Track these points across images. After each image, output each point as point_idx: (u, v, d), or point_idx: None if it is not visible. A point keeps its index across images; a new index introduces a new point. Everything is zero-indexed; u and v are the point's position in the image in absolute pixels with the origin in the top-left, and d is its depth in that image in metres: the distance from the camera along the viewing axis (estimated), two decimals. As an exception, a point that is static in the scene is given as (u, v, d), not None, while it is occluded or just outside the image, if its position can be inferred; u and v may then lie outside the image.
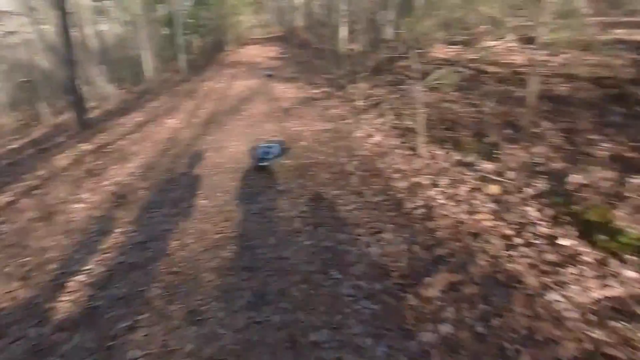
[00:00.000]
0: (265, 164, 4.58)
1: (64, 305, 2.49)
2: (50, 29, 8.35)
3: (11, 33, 13.75)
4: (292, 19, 25.56)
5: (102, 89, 9.39)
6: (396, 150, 4.35)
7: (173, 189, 4.19)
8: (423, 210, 3.13)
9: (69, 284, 2.71)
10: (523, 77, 3.77)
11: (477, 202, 3.02)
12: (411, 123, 4.79)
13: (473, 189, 3.18)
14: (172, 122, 6.96)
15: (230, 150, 5.31)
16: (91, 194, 4.16)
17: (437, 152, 3.96)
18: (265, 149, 4.76)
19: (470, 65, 5.06)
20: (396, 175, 3.82)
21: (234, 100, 9.07)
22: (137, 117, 7.55)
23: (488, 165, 3.29)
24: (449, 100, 4.89)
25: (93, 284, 2.67)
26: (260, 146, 4.86)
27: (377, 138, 4.88)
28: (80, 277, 2.76)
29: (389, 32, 10.03)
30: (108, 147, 5.71)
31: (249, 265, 2.72)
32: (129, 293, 2.54)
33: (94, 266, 2.88)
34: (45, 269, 2.92)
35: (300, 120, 6.62)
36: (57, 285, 2.69)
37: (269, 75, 13.19)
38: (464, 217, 2.91)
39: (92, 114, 8.27)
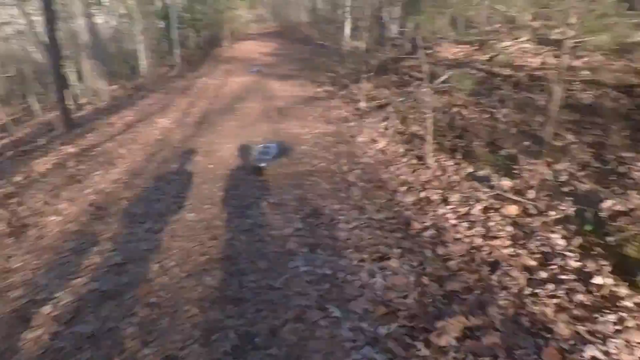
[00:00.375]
0: (262, 165, 4.24)
1: (25, 346, 2.17)
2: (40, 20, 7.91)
3: (4, 24, 13.28)
4: (289, 13, 25.05)
5: (94, 84, 8.99)
6: (402, 159, 4.02)
7: (159, 199, 3.84)
8: (433, 231, 2.80)
9: (33, 316, 2.38)
10: (543, 82, 3.45)
11: (494, 224, 2.70)
12: (418, 129, 4.46)
13: (488, 209, 2.85)
14: (163, 122, 6.59)
15: (221, 153, 4.96)
16: (69, 204, 3.81)
17: (446, 162, 3.63)
18: (263, 149, 4.43)
19: (483, 67, 4.72)
20: (402, 188, 3.49)
21: (229, 97, 8.69)
22: (127, 115, 7.17)
23: (505, 182, 2.96)
24: (460, 104, 4.55)
25: (59, 318, 2.34)
26: (258, 146, 4.54)
27: (382, 144, 4.55)
28: (46, 308, 2.43)
29: (394, 30, 9.64)
30: (94, 149, 5.35)
31: (236, 297, 2.39)
32: (100, 330, 2.21)
33: (62, 294, 2.55)
34: (8, 296, 2.59)
35: (300, 121, 6.26)
36: (19, 318, 2.37)
37: (257, 71, 12.77)
38: (479, 241, 2.59)
39: (82, 112, 7.88)
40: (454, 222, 2.85)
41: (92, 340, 2.15)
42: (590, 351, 1.73)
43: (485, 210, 2.84)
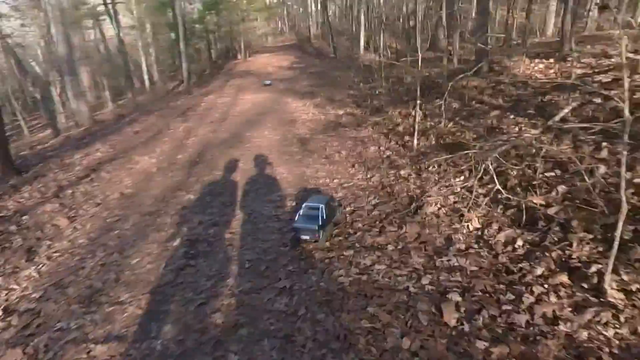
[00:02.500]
0: (307, 237, 2.58)
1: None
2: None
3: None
4: (306, 26, 23.54)
5: (77, 106, 7.36)
6: (535, 270, 2.07)
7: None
8: None
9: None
10: None
11: None
12: (541, 204, 2.52)
13: None
14: (143, 162, 4.78)
15: (221, 227, 3.10)
16: None
17: (631, 285, 1.70)
18: (308, 210, 2.66)
19: (603, 91, 2.78)
20: (554, 345, 1.55)
21: (238, 121, 6.92)
22: (98, 150, 5.40)
23: None
24: (601, 158, 2.63)
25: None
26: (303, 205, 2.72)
27: (475, 223, 2.63)
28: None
29: (441, 39, 7.74)
30: (19, 220, 3.48)
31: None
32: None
33: None
34: None
35: (327, 161, 4.40)
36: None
37: (270, 84, 11.12)
38: None
39: (44, 144, 6.17)
40: None
41: None
42: None
43: None
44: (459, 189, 3.07)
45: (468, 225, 2.62)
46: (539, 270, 2.04)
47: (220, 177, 4.11)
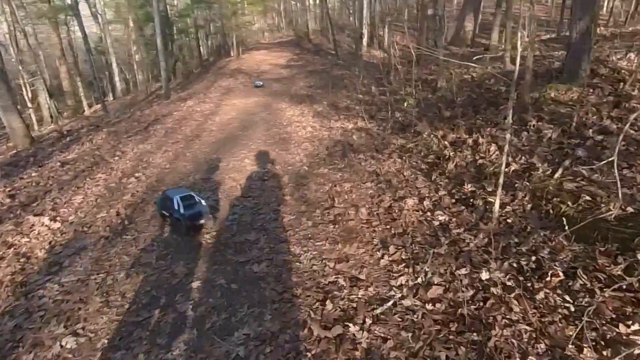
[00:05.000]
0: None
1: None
2: None
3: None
4: (304, 22, 21.38)
5: (8, 122, 5.34)
6: None
7: None
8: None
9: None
10: None
11: None
12: None
13: None
14: (36, 231, 2.80)
15: None
16: None
17: None
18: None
19: None
20: None
21: (211, 142, 4.98)
22: None
23: None
24: None
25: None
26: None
27: None
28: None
29: (467, 30, 5.74)
30: None
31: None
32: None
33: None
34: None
35: (337, 231, 2.48)
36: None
37: (261, 86, 9.17)
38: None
39: None
40: None
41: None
42: None
43: None
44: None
45: None
46: None
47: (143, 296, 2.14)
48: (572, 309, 1.55)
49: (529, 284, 1.72)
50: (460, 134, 3.16)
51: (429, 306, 1.74)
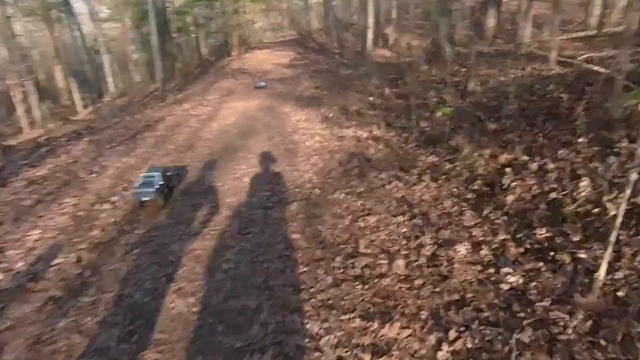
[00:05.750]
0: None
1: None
2: None
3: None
4: (307, 21, 20.61)
5: None
6: None
7: None
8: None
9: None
10: None
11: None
12: None
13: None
14: None
15: None
16: None
17: None
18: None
19: None
20: None
21: (205, 153, 4.28)
22: None
23: None
24: None
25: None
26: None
27: None
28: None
29: (490, 26, 5.06)
30: None
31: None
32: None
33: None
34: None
35: (370, 303, 1.78)
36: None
37: (264, 87, 8.44)
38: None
39: None
40: None
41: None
42: None
43: None
44: None
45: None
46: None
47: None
48: None
49: None
50: (516, 155, 2.45)
51: None
